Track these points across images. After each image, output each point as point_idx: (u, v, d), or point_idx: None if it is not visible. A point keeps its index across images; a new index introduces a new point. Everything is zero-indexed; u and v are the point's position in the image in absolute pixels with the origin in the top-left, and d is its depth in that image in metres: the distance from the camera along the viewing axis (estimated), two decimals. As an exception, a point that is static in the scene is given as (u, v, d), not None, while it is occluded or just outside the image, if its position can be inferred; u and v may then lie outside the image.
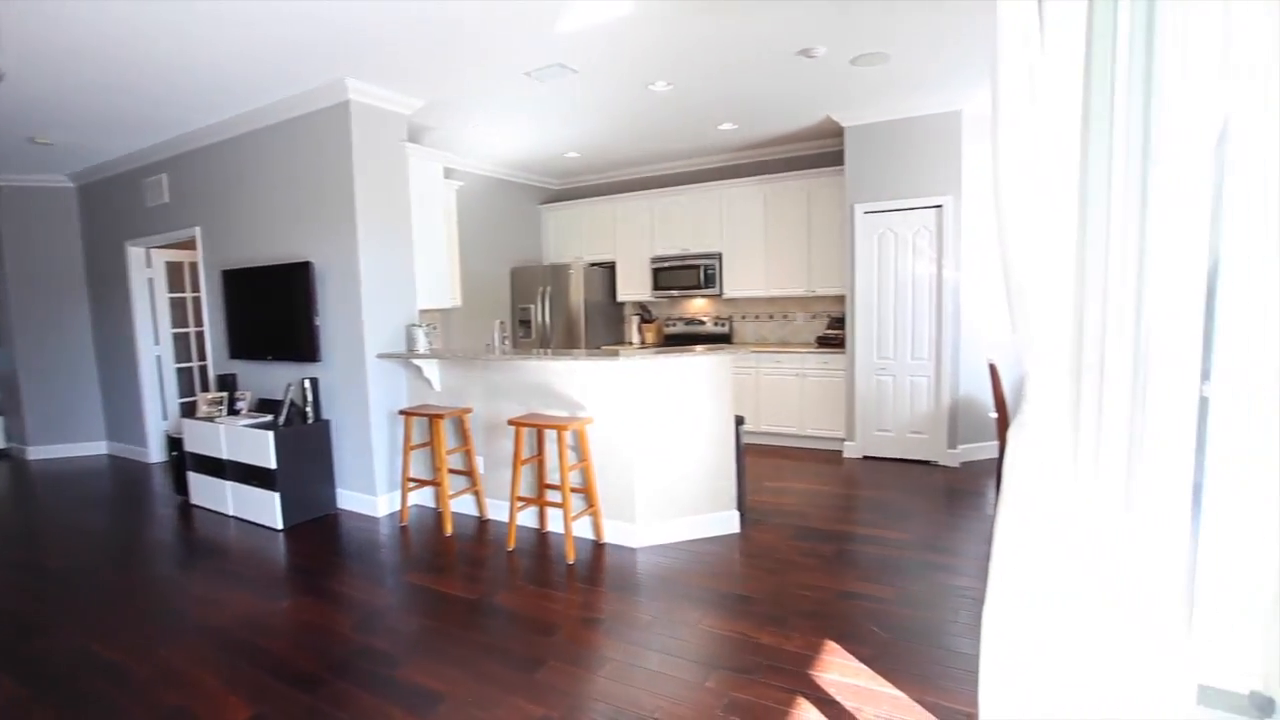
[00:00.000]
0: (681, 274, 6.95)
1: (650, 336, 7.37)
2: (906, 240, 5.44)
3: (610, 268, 7.51)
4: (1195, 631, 1.41)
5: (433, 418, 4.35)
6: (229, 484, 4.69)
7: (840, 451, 5.92)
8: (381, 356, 4.61)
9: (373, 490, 4.66)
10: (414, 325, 4.73)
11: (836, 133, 5.80)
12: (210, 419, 4.82)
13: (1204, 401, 1.25)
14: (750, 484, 4.74)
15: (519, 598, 3.33)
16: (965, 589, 3.22)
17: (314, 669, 2.71)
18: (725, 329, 7.12)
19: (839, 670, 2.57)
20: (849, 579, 3.40)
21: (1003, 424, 3.88)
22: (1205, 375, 1.24)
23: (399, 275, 4.78)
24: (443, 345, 6.43)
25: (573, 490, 3.95)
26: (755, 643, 2.80)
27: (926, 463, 5.52)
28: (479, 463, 4.51)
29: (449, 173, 6.16)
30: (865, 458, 5.76)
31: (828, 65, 4.33)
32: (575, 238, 7.76)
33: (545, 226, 8.01)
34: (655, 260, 7.13)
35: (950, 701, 2.35)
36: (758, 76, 4.53)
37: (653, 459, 3.91)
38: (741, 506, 4.16)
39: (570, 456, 3.98)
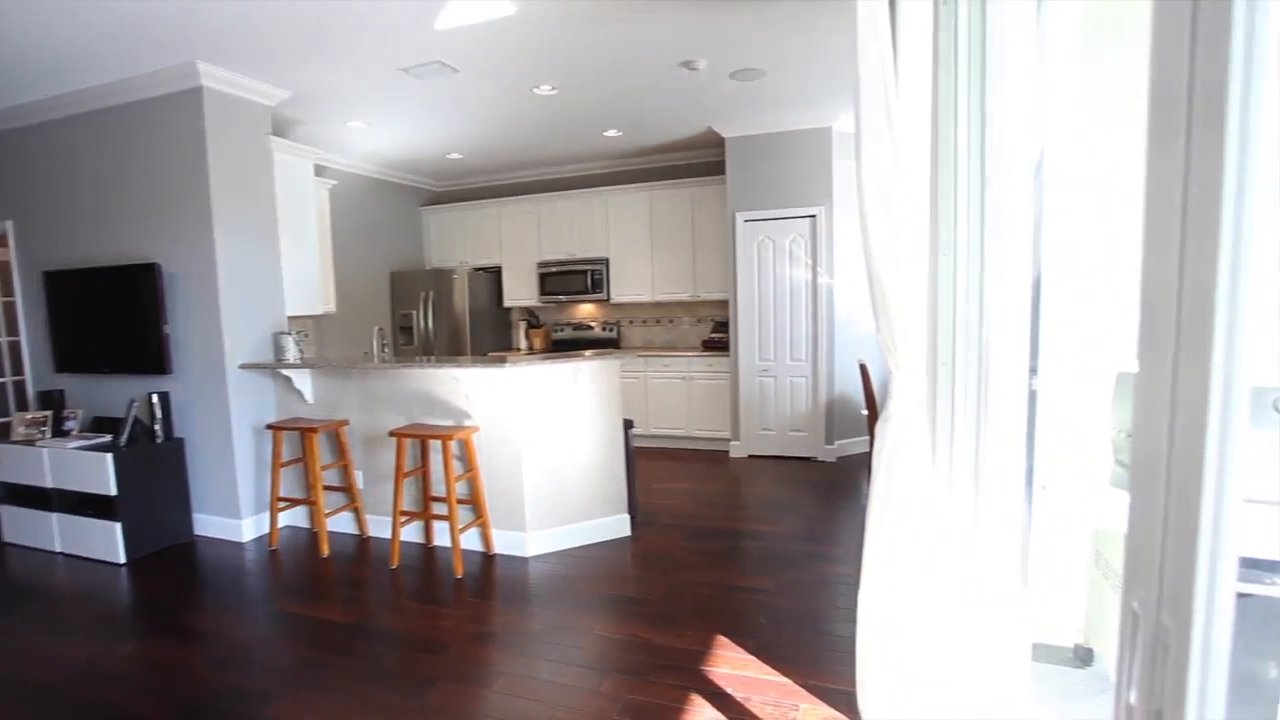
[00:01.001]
0: (569, 279, 6.93)
1: (538, 342, 7.30)
2: (784, 247, 5.75)
3: (496, 272, 7.36)
4: (1029, 597, 1.60)
5: (305, 431, 4.05)
6: (55, 516, 4.11)
7: (727, 451, 6.14)
8: (245, 367, 4.23)
9: (237, 513, 4.26)
10: (283, 333, 4.39)
11: (718, 143, 6.03)
12: (30, 442, 4.21)
13: (1033, 394, 1.42)
14: (641, 486, 4.81)
15: (404, 618, 3.17)
16: (844, 575, 3.44)
17: (169, 719, 2.44)
18: (613, 333, 7.18)
19: (729, 663, 2.67)
20: (737, 574, 3.53)
21: (872, 419, 4.20)
22: (1033, 371, 1.41)
23: (264, 279, 4.41)
24: (316, 354, 6.01)
25: (460, 502, 3.82)
26: (648, 643, 2.84)
27: (807, 459, 5.85)
28: (358, 478, 4.26)
29: (321, 170, 5.78)
30: (750, 456, 6.02)
31: (709, 78, 4.50)
32: (459, 241, 7.53)
33: (427, 229, 7.71)
34: (542, 265, 7.07)
35: (833, 682, 2.50)
36: (642, 86, 4.62)
37: (542, 466, 3.87)
38: (632, 509, 4.21)
39: (457, 467, 3.85)
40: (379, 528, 4.21)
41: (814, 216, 5.62)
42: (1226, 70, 0.47)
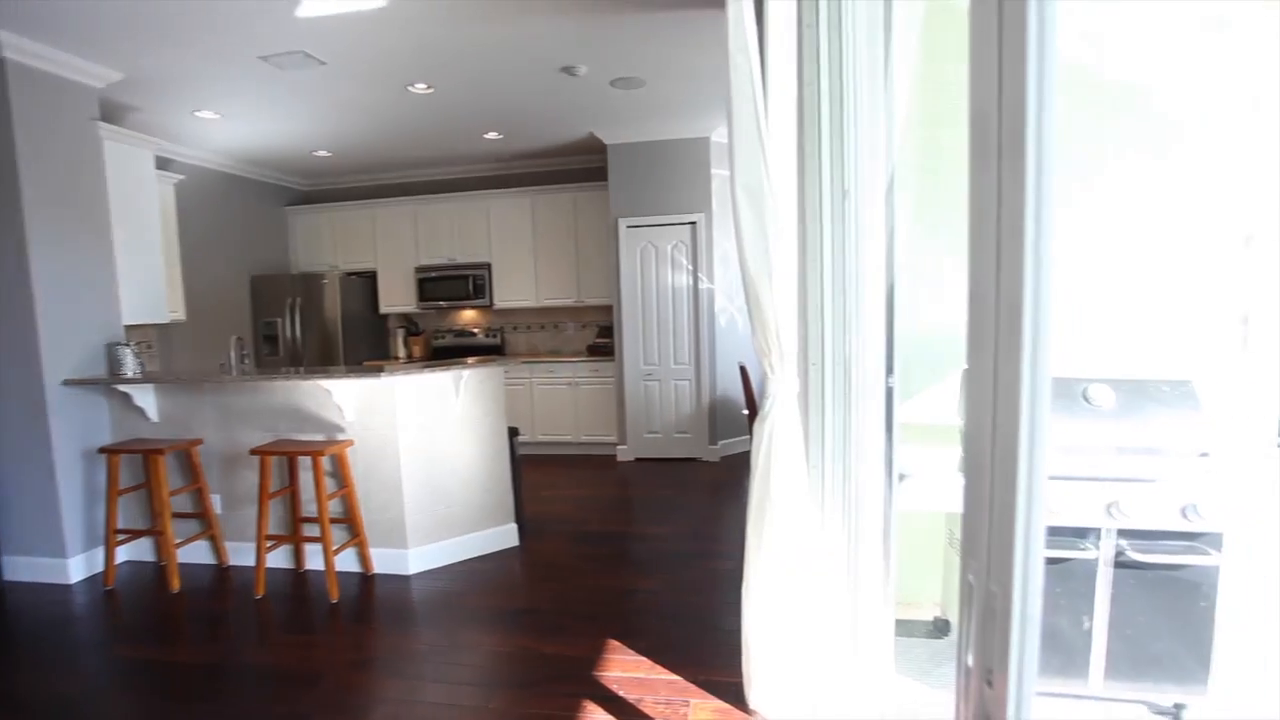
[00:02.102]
0: (450, 284, 6.71)
1: (418, 350, 7.00)
2: (665, 253, 5.90)
3: (371, 277, 6.98)
4: (892, 577, 1.74)
5: (148, 454, 3.63)
6: None
7: (614, 455, 6.20)
8: (71, 383, 3.73)
9: (62, 551, 3.74)
10: (119, 344, 3.91)
11: (601, 149, 6.09)
12: None
13: (889, 391, 1.55)
14: (528, 495, 4.74)
15: (273, 651, 2.92)
16: (730, 571, 3.58)
17: (-26, 793, 2.09)
18: (497, 340, 7.04)
19: (621, 666, 2.69)
20: (627, 577, 3.57)
21: (753, 419, 4.40)
22: (889, 370, 1.54)
23: (94, 283, 3.91)
24: (162, 367, 5.41)
25: (334, 521, 3.59)
26: (539, 654, 2.81)
27: (692, 459, 6.02)
28: (215, 502, 3.87)
29: (166, 163, 5.22)
30: (637, 460, 6.10)
31: (590, 84, 4.53)
32: (329, 244, 7.07)
33: (293, 231, 7.18)
34: (421, 270, 6.79)
35: (722, 676, 2.58)
36: (522, 88, 4.58)
37: (424, 479, 3.72)
38: (520, 519, 4.14)
39: (329, 484, 3.61)
40: (241, 555, 3.86)
41: (694, 223, 5.81)
42: (1024, 104, 0.56)
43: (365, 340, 6.88)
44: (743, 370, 4.56)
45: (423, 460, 3.70)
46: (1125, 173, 2.68)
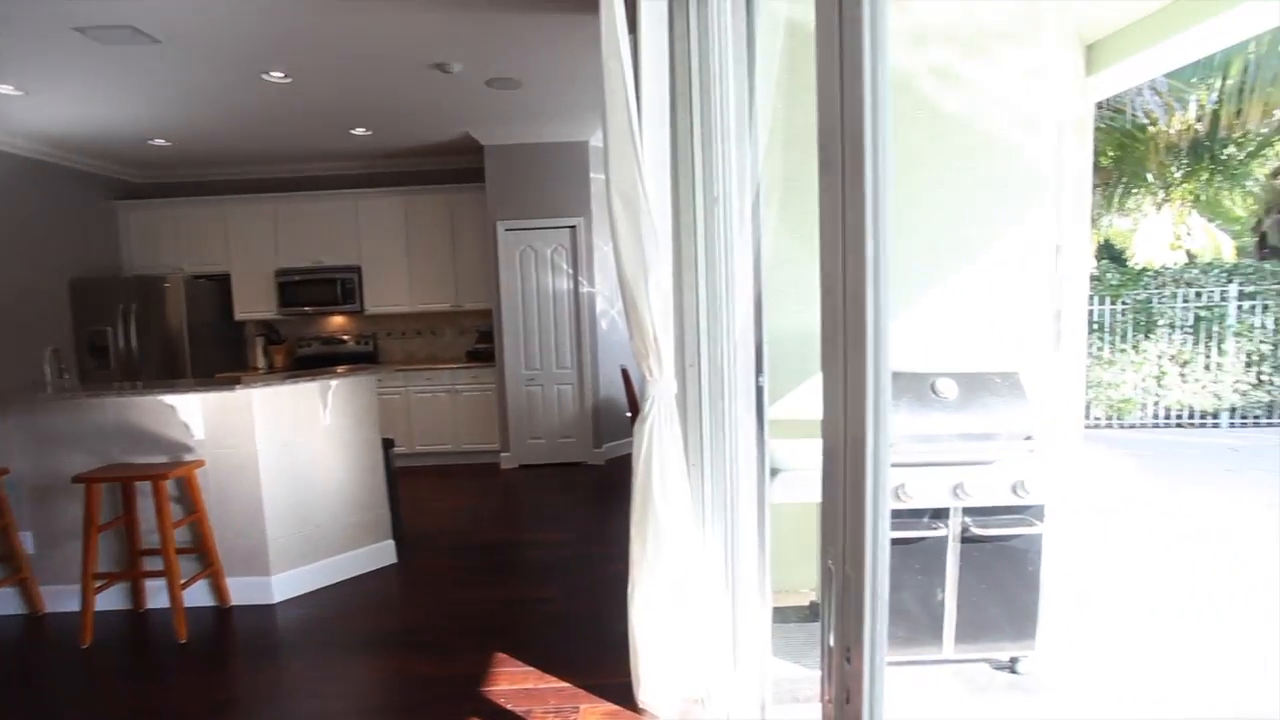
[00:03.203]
0: (315, 289, 6.26)
1: (280, 359, 6.47)
2: (545, 257, 5.85)
3: (223, 280, 6.36)
4: (767, 566, 1.83)
5: (-64, 489, 3.08)
6: None
7: (497, 463, 6.05)
8: None
9: None
10: (-109, 360, 3.29)
11: (477, 149, 5.92)
12: None
13: (760, 389, 1.63)
14: (407, 508, 4.52)
15: (106, 706, 2.58)
16: (618, 573, 3.59)
17: None
18: (369, 347, 6.65)
19: (508, 679, 2.62)
20: (514, 587, 3.50)
21: (635, 421, 4.46)
22: (759, 370, 1.62)
23: None
24: (-49, 386, 4.61)
25: (181, 552, 3.23)
26: (420, 675, 2.68)
27: (577, 464, 6.00)
28: (25, 541, 3.36)
29: (-50, 147, 4.47)
30: (522, 466, 6.00)
31: (464, 83, 4.40)
32: (171, 244, 6.36)
33: (125, 228, 6.38)
34: (283, 273, 6.28)
35: (612, 678, 2.58)
36: (392, 84, 4.37)
37: (289, 499, 3.44)
38: (398, 534, 3.94)
39: (175, 511, 3.24)
40: (62, 600, 3.37)
41: (574, 227, 5.80)
42: (862, 123, 0.61)
43: (218, 350, 6.26)
44: (624, 373, 4.61)
45: (287, 478, 3.42)
46: (961, 190, 3.00)
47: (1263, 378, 6.95)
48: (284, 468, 3.41)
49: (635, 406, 4.55)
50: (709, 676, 2.13)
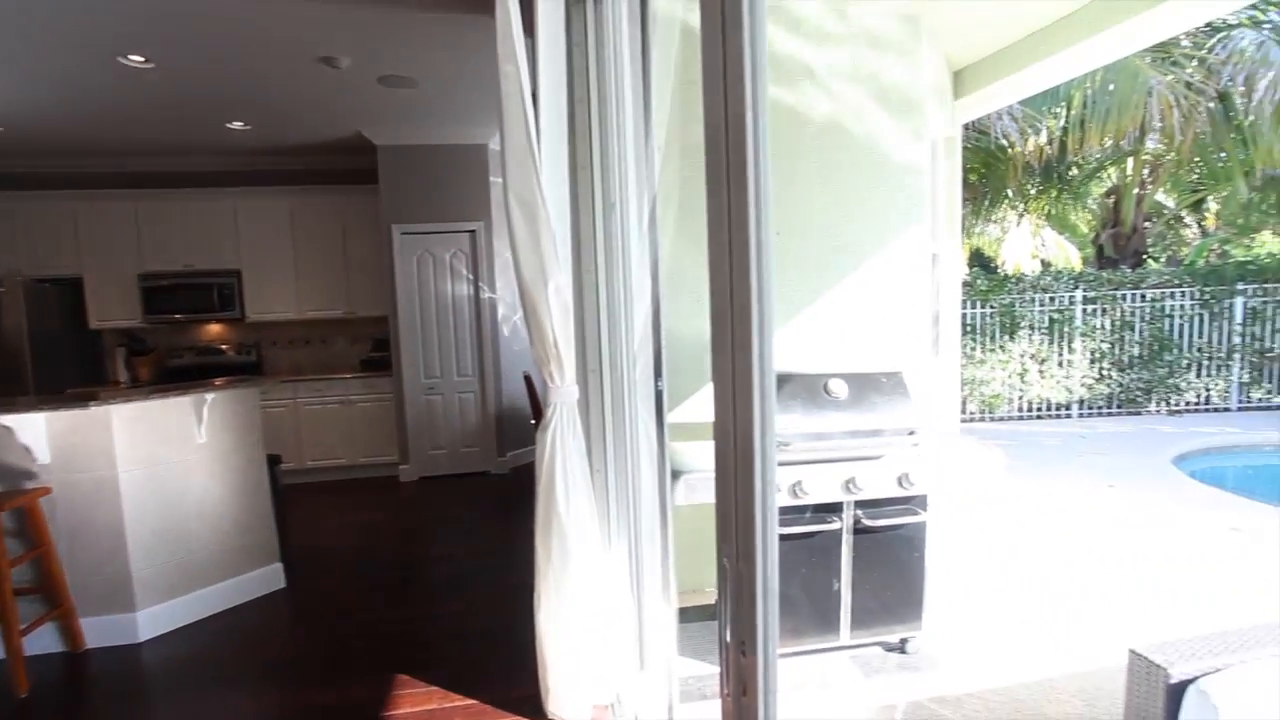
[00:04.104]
0: (188, 295, 5.75)
1: (146, 372, 5.89)
2: (444, 262, 5.67)
3: (74, 285, 5.70)
4: (670, 566, 1.85)
5: None
6: None
7: (396, 476, 5.79)
8: None
9: None
10: None
11: (370, 149, 5.66)
12: None
13: (659, 393, 1.65)
14: (298, 528, 4.24)
15: (-76, 774, 2.24)
16: (525, 583, 3.52)
17: None
18: (252, 357, 6.18)
19: (411, 702, 2.51)
20: (416, 605, 3.35)
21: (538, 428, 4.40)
22: (659, 374, 1.64)
23: None
24: None
25: (23, 592, 2.86)
26: (314, 706, 2.51)
27: (481, 473, 5.84)
28: None
29: None
30: (422, 478, 5.77)
31: (354, 79, 4.19)
32: (7, 243, 5.62)
33: (-55, 225, 5.59)
34: (148, 277, 5.72)
35: (521, 690, 2.51)
36: (273, 76, 4.09)
37: (158, 526, 3.13)
38: (287, 556, 3.68)
39: (12, 547, 2.86)
40: None
41: (474, 232, 5.67)
42: (744, 137, 0.63)
43: (69, 363, 5.61)
44: (528, 379, 4.55)
45: (156, 503, 3.11)
46: (850, 204, 3.18)
47: (1104, 372, 7.82)
48: (152, 491, 3.10)
49: (539, 413, 4.49)
50: (618, 681, 2.13)
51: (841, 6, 3.11)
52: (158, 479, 3.12)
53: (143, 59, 3.74)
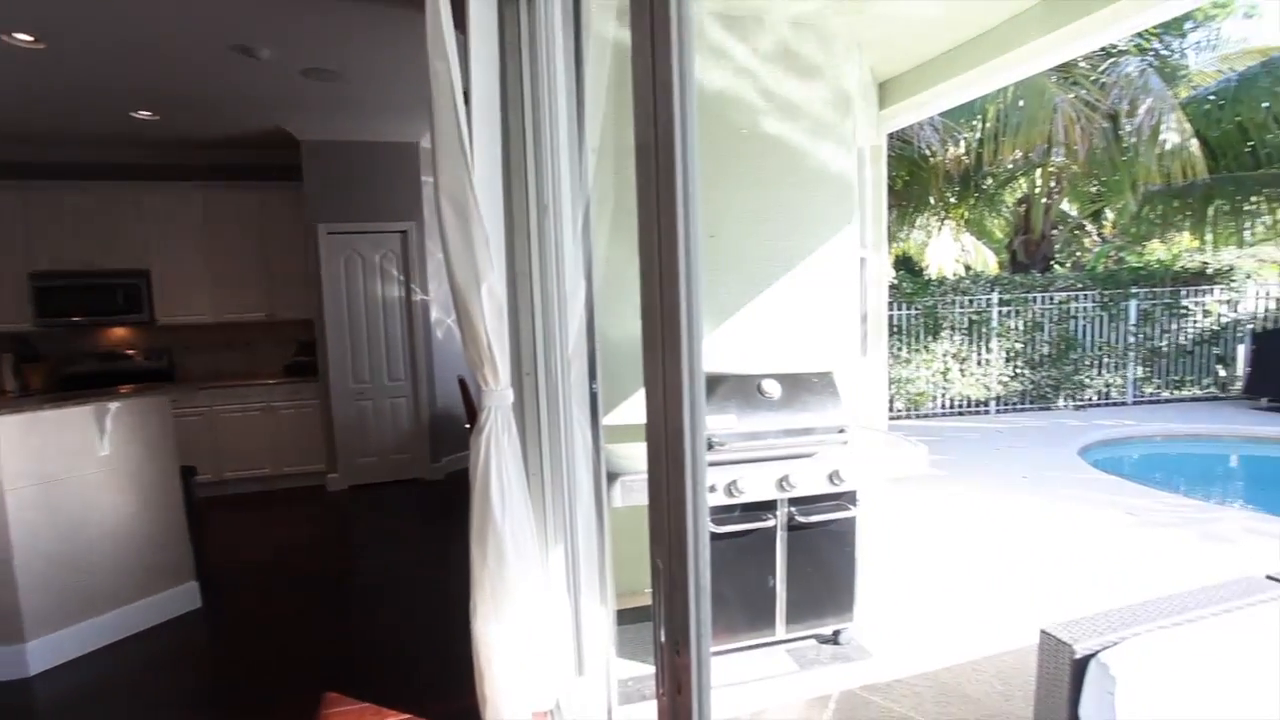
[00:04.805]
0: (88, 296, 5.34)
1: (37, 380, 5.42)
2: (374, 263, 5.48)
3: (-47, 286, 5.21)
4: (608, 569, 1.85)
5: None
6: None
7: (324, 485, 5.55)
8: None
9: None
10: None
11: (293, 144, 5.41)
12: None
13: (594, 395, 1.65)
14: (217, 543, 4.01)
15: None
16: (461, 593, 3.44)
17: None
18: (163, 363, 5.80)
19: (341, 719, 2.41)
20: (346, 619, 3.22)
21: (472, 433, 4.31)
22: (593, 376, 1.64)
23: None
24: None
25: (-106, 625, 2.59)
26: (232, 731, 2.38)
27: (414, 480, 5.68)
28: None
29: None
30: (352, 487, 5.55)
31: (275, 71, 4.00)
32: (-127, 240, 5.10)
33: None
34: (40, 277, 5.27)
35: (458, 701, 2.44)
36: (184, 64, 3.86)
37: (52, 547, 2.89)
38: (204, 574, 3.46)
39: (-116, 574, 2.59)
40: None
41: (405, 232, 5.51)
42: (673, 142, 0.64)
43: (-52, 371, 5.12)
44: (462, 383, 4.46)
45: (50, 523, 2.87)
46: (782, 208, 3.26)
47: (1018, 370, 8.31)
48: (45, 511, 2.86)
49: (474, 417, 4.41)
50: (557, 687, 2.10)
51: (772, 16, 3.19)
52: (53, 497, 2.89)
53: (31, 38, 3.46)
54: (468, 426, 5.18)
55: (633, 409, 2.72)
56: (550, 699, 2.18)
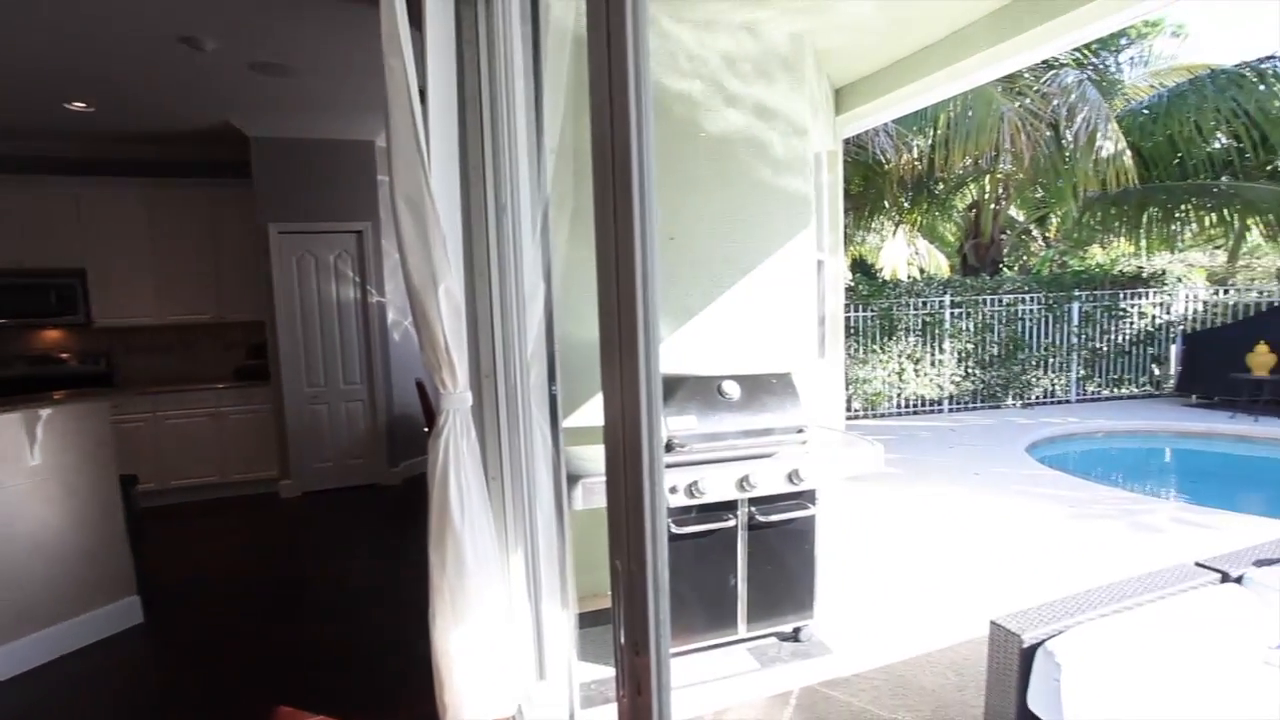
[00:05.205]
0: (17, 296, 5.08)
1: (-34, 385, 5.13)
2: (329, 264, 5.35)
3: None
4: (569, 572, 1.84)
5: None
6: None
7: (277, 492, 5.38)
8: None
9: None
10: None
11: (242, 141, 5.24)
12: None
13: (553, 397, 1.64)
14: (162, 555, 3.85)
15: None
16: (419, 599, 3.37)
17: None
18: (101, 367, 5.54)
19: (290, 734, 2.34)
20: (300, 629, 3.13)
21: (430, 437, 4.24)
22: (553, 379, 1.63)
23: None
24: None
25: None
26: (177, 750, 2.28)
27: (371, 486, 5.55)
28: None
29: None
30: (306, 494, 5.40)
31: (223, 64, 3.87)
32: None
33: None
34: (-37, 276, 4.99)
35: (415, 710, 2.40)
36: (125, 54, 3.69)
37: (-19, 561, 2.73)
38: (146, 588, 3.32)
39: None
40: None
41: (360, 232, 5.38)
42: (629, 147, 0.64)
43: None
44: (420, 386, 4.38)
45: (-26, 536, 2.72)
46: (742, 212, 3.30)
47: (969, 370, 8.58)
48: (-29, 522, 2.70)
49: (433, 421, 4.33)
50: (518, 692, 2.08)
51: (734, 22, 3.23)
52: (-20, 508, 2.73)
53: (-46, 26, 3.27)
54: (426, 430, 5.09)
55: (594, 411, 2.71)
56: (511, 704, 2.16)
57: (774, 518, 2.67)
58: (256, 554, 4.16)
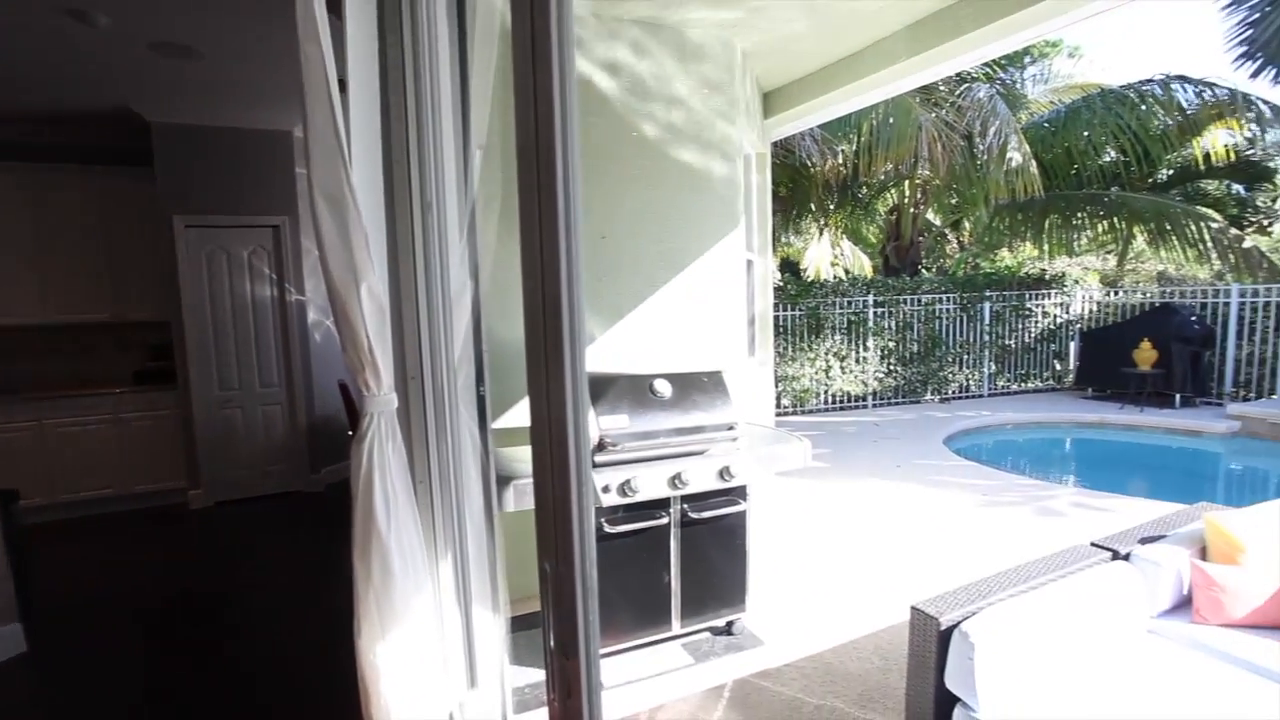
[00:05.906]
0: (-123, 294, 4.55)
1: None
2: (242, 260, 5.05)
3: None
4: (501, 575, 1.80)
5: None
6: None
7: (185, 503, 5.04)
8: None
9: None
10: None
11: (143, 126, 4.87)
12: None
13: (481, 399, 1.60)
14: (51, 576, 3.54)
15: None
16: (343, 611, 3.23)
17: None
18: (-20, 371, 5.04)
19: (200, 760, 2.19)
20: (210, 650, 2.94)
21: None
22: (481, 380, 1.59)
23: None
24: None
25: None
26: (70, 786, 2.10)
27: (291, 493, 5.28)
28: None
29: None
30: (219, 504, 5.08)
31: (118, 42, 3.58)
32: None
33: None
34: None
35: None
36: (0, 23, 3.37)
37: None
38: (29, 614, 3.04)
39: None
40: None
41: (277, 227, 5.11)
42: (553, 147, 0.63)
43: None
44: (343, 388, 4.20)
45: None
46: (672, 212, 3.32)
47: (891, 368, 8.97)
48: None
49: (357, 423, 4.16)
50: (449, 700, 2.02)
51: (663, 20, 3.24)
52: None
53: None
54: (350, 434, 4.89)
55: (525, 411, 2.68)
56: (443, 713, 2.10)
57: (706, 514, 2.71)
58: (162, 570, 3.89)
